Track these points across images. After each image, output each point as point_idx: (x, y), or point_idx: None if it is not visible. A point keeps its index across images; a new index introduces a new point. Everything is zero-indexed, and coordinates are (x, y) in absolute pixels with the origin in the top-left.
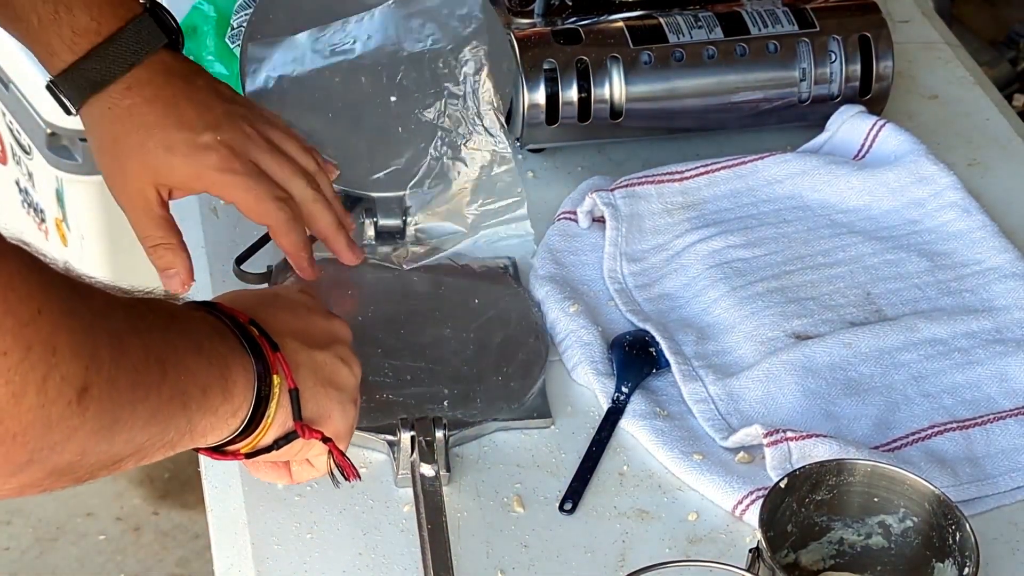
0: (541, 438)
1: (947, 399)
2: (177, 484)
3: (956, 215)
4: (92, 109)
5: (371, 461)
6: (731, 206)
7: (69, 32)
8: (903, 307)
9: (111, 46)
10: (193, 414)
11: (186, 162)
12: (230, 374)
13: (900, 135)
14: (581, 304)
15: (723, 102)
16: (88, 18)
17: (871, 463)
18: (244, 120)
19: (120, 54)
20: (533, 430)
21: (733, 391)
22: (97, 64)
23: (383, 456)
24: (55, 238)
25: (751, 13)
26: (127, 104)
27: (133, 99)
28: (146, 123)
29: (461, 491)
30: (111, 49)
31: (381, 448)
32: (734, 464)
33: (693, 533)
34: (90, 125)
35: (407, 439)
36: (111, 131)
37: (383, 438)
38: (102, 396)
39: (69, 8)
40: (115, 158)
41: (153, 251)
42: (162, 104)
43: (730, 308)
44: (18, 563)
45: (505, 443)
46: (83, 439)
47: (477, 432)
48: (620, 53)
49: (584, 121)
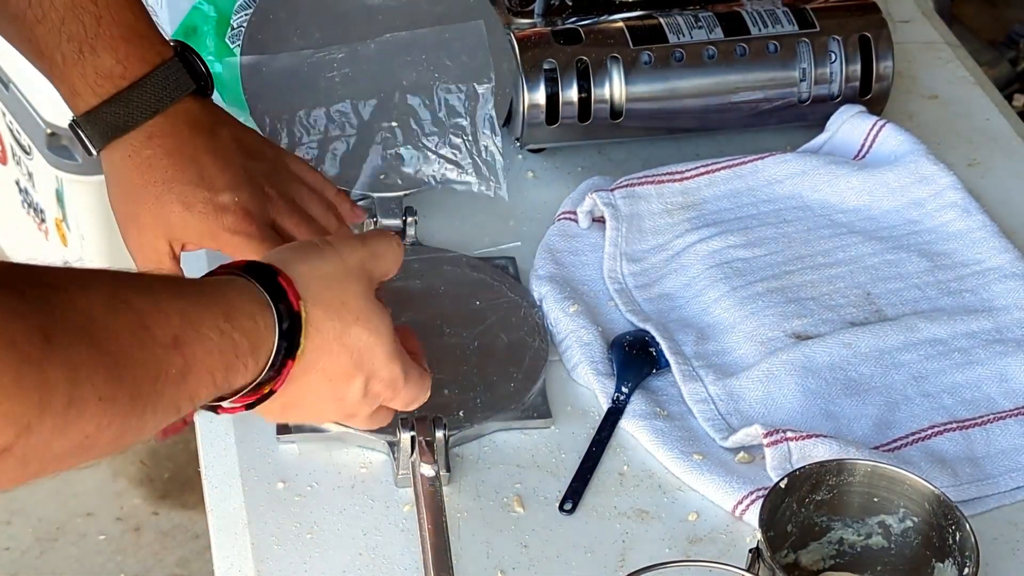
0: (541, 438)
1: (947, 399)
2: (177, 484)
3: (956, 215)
4: (112, 154)
5: (371, 461)
6: (731, 206)
7: (93, 74)
8: (903, 307)
9: (135, 92)
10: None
11: (202, 220)
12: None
13: (900, 135)
14: (581, 304)
15: (723, 102)
16: (113, 61)
17: (871, 463)
18: (266, 179)
19: (144, 101)
20: (533, 430)
21: (733, 391)
22: (119, 109)
23: (383, 456)
24: (55, 238)
25: (751, 13)
26: (147, 155)
27: (154, 150)
28: (165, 177)
29: (461, 491)
30: (135, 95)
31: (381, 448)
32: (734, 464)
33: (693, 533)
34: (109, 170)
35: (407, 439)
36: (129, 180)
37: (383, 438)
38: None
39: (93, 49)
40: (131, 207)
41: None
42: (182, 158)
43: (730, 308)
44: (18, 563)
45: (505, 443)
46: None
47: (477, 432)
48: (620, 53)
49: (584, 121)
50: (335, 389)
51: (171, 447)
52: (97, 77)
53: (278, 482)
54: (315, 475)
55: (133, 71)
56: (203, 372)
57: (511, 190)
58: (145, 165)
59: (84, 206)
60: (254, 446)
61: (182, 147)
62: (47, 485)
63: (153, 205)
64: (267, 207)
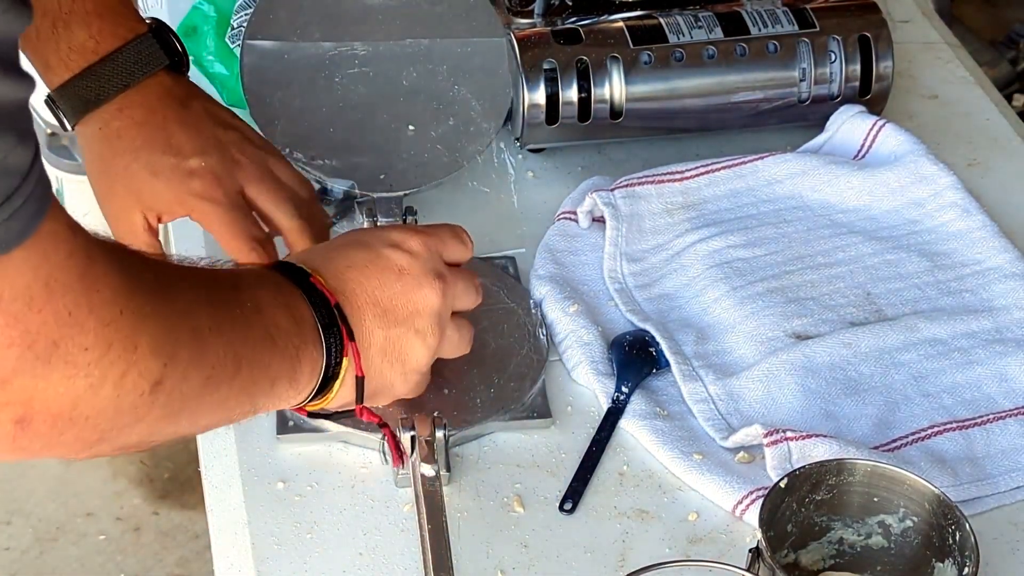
0: (541, 438)
1: (947, 399)
2: (177, 484)
3: (956, 215)
4: (85, 129)
5: (371, 461)
6: (731, 206)
7: (66, 48)
8: (903, 307)
9: (106, 65)
10: (259, 400)
11: (169, 187)
12: (300, 365)
13: (900, 135)
14: (581, 304)
15: (723, 102)
16: (86, 35)
17: (871, 463)
18: (235, 147)
19: (115, 74)
20: (533, 430)
21: (733, 391)
22: (91, 83)
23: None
24: None
25: (751, 13)
26: (117, 126)
27: (123, 121)
28: (134, 146)
29: (461, 491)
30: (106, 68)
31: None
32: (734, 464)
33: (693, 533)
34: (83, 145)
35: (407, 439)
36: (101, 152)
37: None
38: (173, 389)
39: (67, 24)
40: (105, 180)
41: None
42: (151, 127)
43: (730, 308)
44: (18, 563)
45: (505, 443)
46: (150, 423)
47: (477, 432)
48: (620, 53)
49: (584, 121)
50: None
51: (171, 447)
52: (70, 52)
53: (278, 482)
54: (315, 475)
55: (105, 45)
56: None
57: (510, 190)
58: (115, 136)
59: (84, 206)
60: (254, 446)
61: (151, 116)
62: (47, 485)
63: (123, 175)
64: (236, 173)
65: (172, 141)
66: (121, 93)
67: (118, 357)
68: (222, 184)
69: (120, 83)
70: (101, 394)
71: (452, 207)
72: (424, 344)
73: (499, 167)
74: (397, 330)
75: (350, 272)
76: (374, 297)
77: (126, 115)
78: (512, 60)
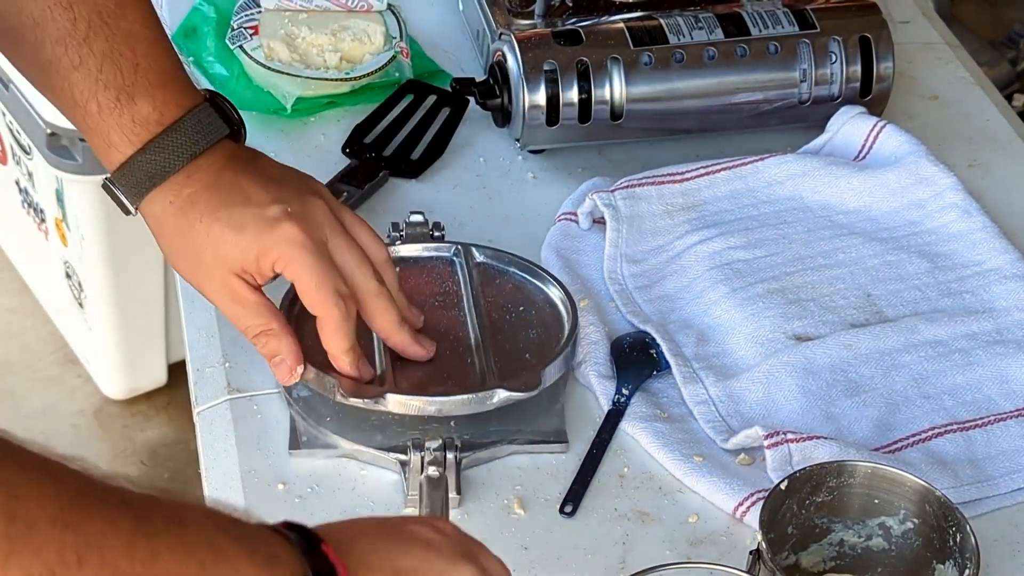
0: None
1: (947, 400)
2: (177, 484)
3: (956, 216)
4: (153, 207)
5: (371, 463)
6: (731, 207)
7: (129, 122)
8: (903, 308)
9: (171, 136)
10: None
11: (256, 238)
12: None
13: (900, 136)
14: (590, 300)
15: (723, 103)
16: (150, 108)
17: (871, 465)
18: (315, 196)
19: (180, 144)
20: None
21: (734, 393)
22: (156, 156)
23: (392, 475)
24: (55, 238)
25: (751, 14)
26: (188, 193)
27: (193, 187)
28: (210, 207)
29: (461, 493)
30: (171, 139)
31: (393, 468)
32: (735, 466)
33: (694, 535)
34: (155, 226)
35: (417, 460)
36: (177, 226)
37: (395, 457)
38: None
39: (131, 96)
40: (189, 255)
41: (256, 340)
42: (225, 186)
43: (730, 310)
44: None
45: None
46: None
47: (491, 455)
48: (620, 54)
49: (584, 122)
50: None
51: (171, 447)
52: (134, 125)
53: (278, 484)
54: (315, 478)
55: (169, 116)
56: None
57: (510, 191)
58: (188, 204)
59: (84, 206)
60: (255, 448)
61: (221, 176)
62: None
63: (207, 242)
64: (320, 222)
65: (249, 194)
66: (187, 163)
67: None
68: (308, 230)
69: (186, 153)
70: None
71: (452, 209)
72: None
73: (499, 169)
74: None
75: (363, 542)
76: (395, 566)
77: (195, 180)
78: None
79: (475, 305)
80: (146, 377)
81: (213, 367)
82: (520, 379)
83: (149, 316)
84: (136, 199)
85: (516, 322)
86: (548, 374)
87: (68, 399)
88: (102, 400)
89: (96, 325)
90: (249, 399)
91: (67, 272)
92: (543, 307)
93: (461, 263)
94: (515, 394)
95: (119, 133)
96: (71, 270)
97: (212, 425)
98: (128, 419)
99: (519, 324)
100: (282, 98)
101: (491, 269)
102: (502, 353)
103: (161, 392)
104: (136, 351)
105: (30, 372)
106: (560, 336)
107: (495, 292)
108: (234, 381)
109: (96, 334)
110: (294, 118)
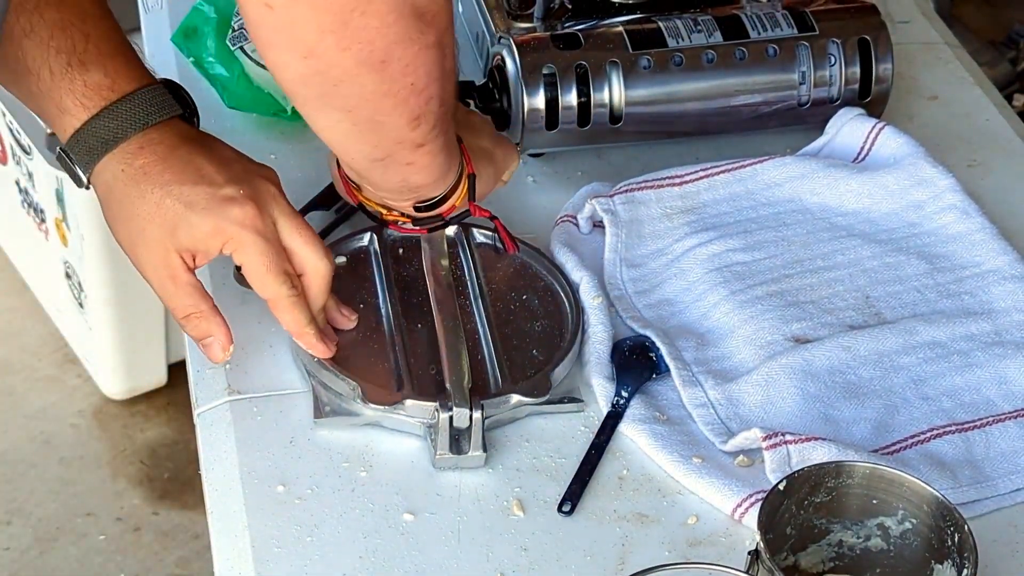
0: (541, 442)
1: (946, 402)
2: (177, 484)
3: (955, 217)
4: (104, 175)
5: (371, 465)
6: (730, 210)
7: (82, 87)
8: (902, 310)
9: (125, 104)
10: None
11: (206, 217)
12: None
13: (899, 137)
14: (603, 298)
15: (722, 106)
16: (102, 75)
17: (870, 465)
18: (267, 180)
19: (134, 114)
20: (544, 424)
21: (733, 396)
22: (110, 123)
23: (384, 460)
24: (55, 238)
25: (750, 17)
26: (140, 164)
27: (146, 158)
28: (163, 181)
29: (461, 495)
30: (124, 107)
31: (418, 431)
32: (733, 467)
33: (693, 536)
34: (103, 193)
35: (445, 419)
36: (126, 195)
37: (422, 420)
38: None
39: (83, 63)
40: (132, 225)
41: (186, 321)
42: (179, 161)
43: (729, 312)
44: (18, 563)
45: (505, 446)
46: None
47: (512, 415)
48: (619, 57)
49: (583, 126)
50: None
51: (171, 447)
52: (86, 89)
53: (278, 485)
54: (315, 478)
55: (122, 86)
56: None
57: (509, 195)
58: (140, 174)
59: (84, 206)
60: (255, 448)
61: (176, 151)
62: (47, 485)
63: (154, 215)
64: (271, 205)
65: (204, 173)
66: (140, 132)
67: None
68: (260, 213)
69: (139, 122)
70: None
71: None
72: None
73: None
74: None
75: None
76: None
77: (148, 152)
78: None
79: (480, 294)
80: (146, 377)
81: (213, 368)
82: (532, 382)
83: (149, 316)
84: (88, 166)
85: (520, 312)
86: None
87: (68, 399)
88: (102, 400)
89: (96, 325)
90: (249, 400)
91: (67, 272)
92: (544, 295)
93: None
94: (527, 398)
95: (72, 98)
96: (71, 270)
97: (212, 426)
98: (128, 419)
99: (524, 315)
100: (283, 100)
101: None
102: (510, 348)
103: (161, 392)
104: (136, 351)
105: (30, 372)
106: (564, 331)
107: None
108: (234, 383)
109: (96, 334)
110: (294, 120)
